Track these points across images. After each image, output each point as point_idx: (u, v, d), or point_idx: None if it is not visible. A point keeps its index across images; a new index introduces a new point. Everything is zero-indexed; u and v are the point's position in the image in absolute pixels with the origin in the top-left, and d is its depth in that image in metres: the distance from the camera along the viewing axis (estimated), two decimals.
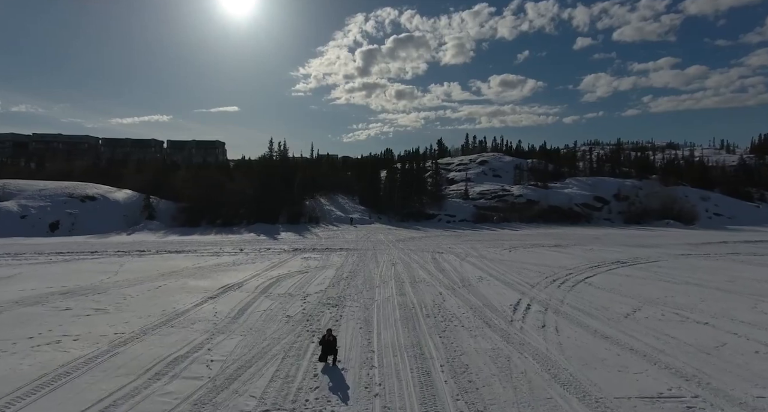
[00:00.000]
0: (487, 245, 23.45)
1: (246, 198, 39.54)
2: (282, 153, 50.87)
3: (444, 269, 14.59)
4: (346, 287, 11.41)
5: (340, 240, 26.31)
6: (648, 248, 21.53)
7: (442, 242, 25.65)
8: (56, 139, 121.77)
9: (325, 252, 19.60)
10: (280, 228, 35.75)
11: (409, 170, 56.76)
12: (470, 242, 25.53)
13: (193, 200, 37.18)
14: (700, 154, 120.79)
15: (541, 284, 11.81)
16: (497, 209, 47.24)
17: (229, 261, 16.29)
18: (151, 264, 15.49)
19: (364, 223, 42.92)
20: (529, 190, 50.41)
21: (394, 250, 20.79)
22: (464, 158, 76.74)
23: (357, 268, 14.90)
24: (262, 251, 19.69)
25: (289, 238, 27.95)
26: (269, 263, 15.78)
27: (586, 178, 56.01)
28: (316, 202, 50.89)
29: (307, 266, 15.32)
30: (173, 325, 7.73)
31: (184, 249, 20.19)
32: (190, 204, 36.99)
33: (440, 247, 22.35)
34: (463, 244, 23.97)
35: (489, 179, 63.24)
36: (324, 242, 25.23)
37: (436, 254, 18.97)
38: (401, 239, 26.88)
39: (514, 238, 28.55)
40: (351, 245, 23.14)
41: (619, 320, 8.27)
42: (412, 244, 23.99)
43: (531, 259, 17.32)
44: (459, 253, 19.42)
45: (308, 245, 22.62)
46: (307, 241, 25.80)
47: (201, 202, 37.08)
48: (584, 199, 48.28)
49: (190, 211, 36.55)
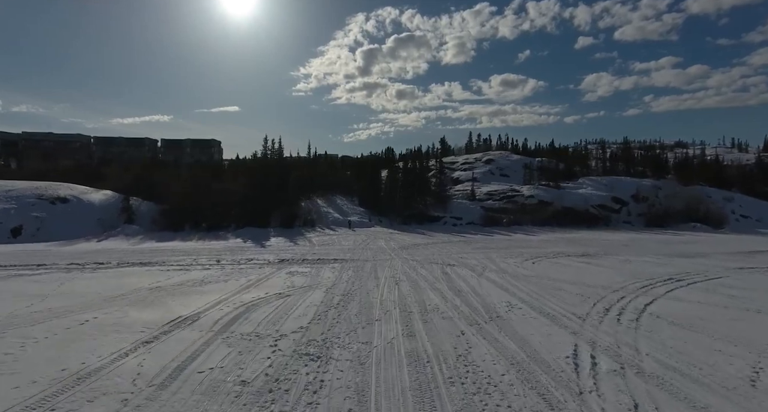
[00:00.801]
0: (503, 254, 20.73)
1: (235, 200, 36.85)
2: (275, 151, 48.24)
3: (460, 290, 11.86)
4: (336, 322, 8.70)
5: (335, 248, 23.62)
6: (693, 259, 18.78)
7: (451, 249, 22.94)
8: (46, 137, 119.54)
9: (316, 265, 16.90)
10: (271, 233, 33.08)
11: (411, 169, 54.12)
12: (483, 250, 22.81)
13: (176, 202, 34.52)
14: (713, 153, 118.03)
15: (592, 316, 9.08)
16: (507, 210, 44.54)
17: (198, 278, 13.58)
18: (98, 283, 12.80)
19: (363, 226, 40.22)
20: (541, 191, 47.69)
21: (397, 260, 18.08)
22: (469, 157, 74.15)
23: (352, 288, 12.19)
24: (242, 263, 16.98)
25: (278, 245, 25.27)
26: (245, 281, 13.08)
27: (601, 178, 53.30)
28: (312, 204, 48.26)
29: (290, 284, 12.62)
30: (55, 407, 5.02)
31: (152, 260, 17.49)
32: (173, 206, 34.32)
33: (450, 256, 19.64)
34: (475, 253, 21.25)
35: (496, 179, 60.60)
36: (317, 250, 22.53)
37: (447, 267, 16.25)
38: (404, 246, 24.17)
39: (531, 244, 25.83)
40: (347, 254, 20.44)
41: (746, 391, 5.54)
42: (418, 252, 21.28)
43: (562, 274, 14.58)
44: (473, 265, 16.70)
45: (298, 255, 19.92)
46: (298, 249, 23.09)
47: (185, 205, 34.41)
48: (601, 200, 45.55)
49: (172, 214, 33.91)
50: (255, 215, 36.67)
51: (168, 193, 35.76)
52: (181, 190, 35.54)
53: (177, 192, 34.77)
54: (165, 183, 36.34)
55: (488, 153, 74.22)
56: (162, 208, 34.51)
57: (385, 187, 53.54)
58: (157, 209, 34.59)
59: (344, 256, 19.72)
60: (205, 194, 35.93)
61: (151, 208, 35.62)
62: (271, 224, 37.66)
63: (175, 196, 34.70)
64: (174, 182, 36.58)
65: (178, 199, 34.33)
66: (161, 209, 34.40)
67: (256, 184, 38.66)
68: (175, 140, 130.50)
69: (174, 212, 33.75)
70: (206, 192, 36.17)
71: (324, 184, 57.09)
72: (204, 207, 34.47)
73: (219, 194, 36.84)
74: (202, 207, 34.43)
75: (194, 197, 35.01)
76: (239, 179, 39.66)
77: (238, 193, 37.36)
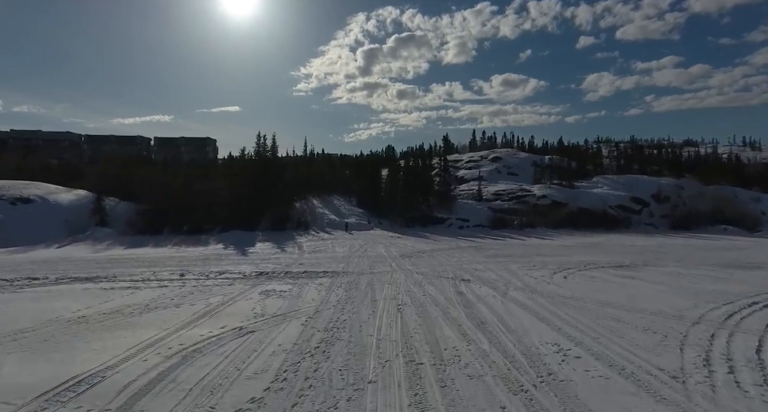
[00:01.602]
0: (523, 263, 17.85)
1: (221, 201, 34.02)
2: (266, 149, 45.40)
3: (483, 322, 8.99)
4: (309, 386, 5.84)
5: (327, 256, 20.76)
6: (753, 271, 15.89)
7: (461, 257, 20.06)
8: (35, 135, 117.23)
9: (300, 280, 14.03)
10: (259, 237, 30.26)
11: (413, 168, 51.27)
12: (498, 258, 19.93)
13: (154, 203, 31.68)
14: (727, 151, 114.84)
15: (692, 375, 6.21)
16: (517, 211, 41.66)
17: (143, 301, 10.73)
18: (11, 309, 9.94)
19: (362, 228, 37.37)
20: (554, 191, 44.79)
21: (399, 274, 15.21)
22: (474, 155, 71.31)
23: (340, 317, 9.33)
24: (210, 278, 14.12)
25: (263, 252, 22.41)
26: (203, 306, 10.22)
27: (617, 177, 50.37)
28: (307, 205, 45.43)
29: (260, 312, 9.76)
30: None
31: (101, 275, 14.63)
32: (151, 207, 31.50)
33: (461, 267, 16.76)
34: (490, 262, 18.37)
35: (504, 178, 57.73)
36: (306, 258, 19.67)
37: (461, 283, 13.39)
38: (407, 253, 21.29)
39: (551, 251, 22.96)
40: (340, 264, 17.57)
41: None
42: (423, 262, 18.40)
43: (607, 294, 11.69)
44: (493, 281, 13.83)
45: (281, 266, 17.06)
46: (284, 257, 20.22)
47: (164, 206, 31.56)
48: (619, 200, 42.64)
49: (150, 215, 31.07)
50: (243, 216, 33.85)
51: (149, 194, 32.92)
52: (160, 190, 32.69)
53: (156, 192, 31.93)
54: (145, 182, 33.47)
55: (494, 151, 71.35)
56: (141, 208, 31.68)
57: (385, 187, 50.74)
58: (135, 210, 31.76)
59: (336, 267, 16.86)
60: (188, 194, 33.10)
61: (129, 209, 32.79)
62: (261, 227, 34.85)
63: (154, 197, 31.85)
64: (155, 181, 33.68)
65: (156, 200, 31.48)
66: (138, 210, 31.57)
67: (244, 184, 35.84)
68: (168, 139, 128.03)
69: (152, 214, 30.93)
70: (189, 192, 33.33)
71: (321, 184, 54.32)
72: (186, 208, 31.63)
73: (203, 194, 34.03)
74: (183, 208, 31.58)
75: (175, 198, 32.17)
76: (225, 179, 36.75)
77: (225, 193, 34.53)
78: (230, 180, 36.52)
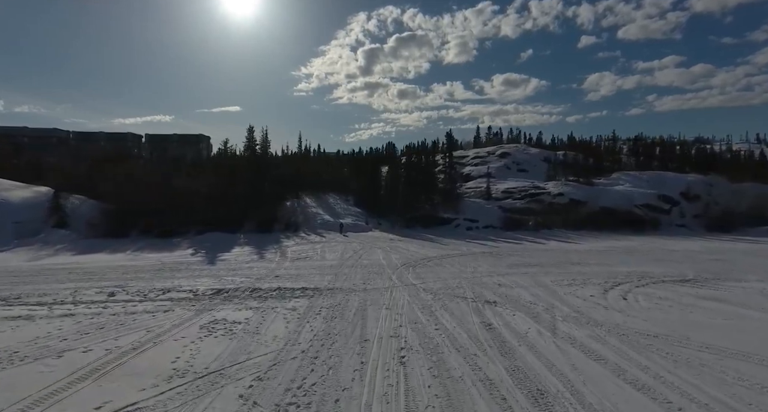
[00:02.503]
0: (558, 276, 14.36)
1: (200, 199, 30.60)
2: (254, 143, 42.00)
3: (542, 391, 5.49)
4: None
5: (313, 264, 17.27)
6: None
7: (477, 266, 16.55)
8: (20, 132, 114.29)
9: (267, 302, 10.54)
10: (241, 239, 26.84)
11: (416, 164, 47.71)
12: (523, 268, 16.42)
13: (124, 202, 28.25)
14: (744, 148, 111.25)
15: None
16: (531, 211, 38.18)
17: (18, 343, 7.26)
18: None
19: (358, 230, 33.90)
20: (571, 188, 41.29)
21: (401, 292, 11.72)
22: (480, 151, 67.75)
23: (307, 378, 5.88)
24: (146, 300, 10.62)
25: (236, 259, 18.93)
26: (101, 354, 6.76)
27: (640, 173, 46.72)
28: (299, 204, 41.98)
29: (186, 366, 6.31)
30: None
31: (2, 295, 11.15)
32: (119, 206, 28.06)
33: (480, 282, 13.28)
34: (515, 273, 14.88)
35: (513, 174, 54.24)
36: (285, 268, 16.17)
37: (485, 308, 9.93)
38: (411, 261, 17.78)
39: (584, 258, 19.47)
40: (326, 277, 14.08)
41: None
42: (431, 273, 14.90)
43: (711, 332, 8.19)
44: (528, 304, 10.35)
45: (250, 280, 13.56)
46: (259, 267, 16.71)
47: (135, 205, 28.12)
48: (645, 198, 39.07)
49: (117, 215, 27.63)
50: (225, 217, 30.40)
51: (117, 191, 29.50)
52: (133, 188, 29.24)
53: (125, 190, 28.49)
54: (111, 177, 29.99)
55: (502, 146, 67.84)
56: (104, 208, 28.23)
57: (385, 185, 47.28)
58: (99, 209, 28.31)
59: (320, 281, 13.38)
60: (163, 192, 29.66)
61: (96, 208, 29.35)
62: (245, 228, 31.41)
63: (124, 195, 28.42)
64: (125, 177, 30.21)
65: (125, 199, 28.05)
66: (102, 209, 28.12)
67: (227, 182, 32.41)
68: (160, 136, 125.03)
69: (119, 214, 27.48)
70: (164, 190, 29.89)
71: (316, 183, 50.89)
72: (159, 208, 28.18)
73: (181, 193, 30.60)
74: (156, 208, 28.13)
75: (148, 196, 28.74)
76: (205, 177, 33.24)
77: (205, 191, 31.10)
78: (212, 177, 33.06)
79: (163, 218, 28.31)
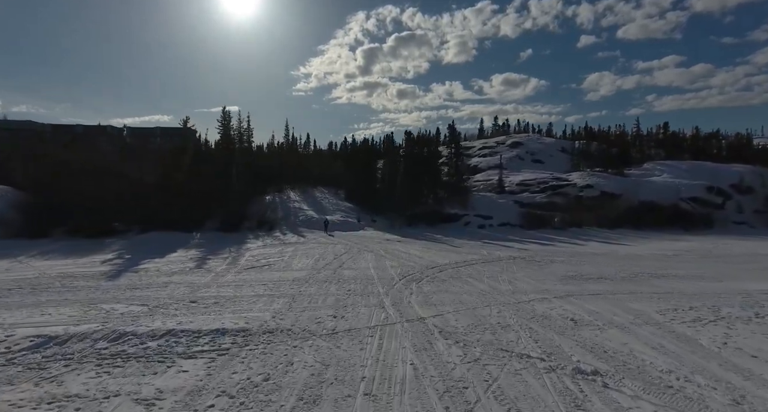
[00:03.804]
0: (648, 300, 9.04)
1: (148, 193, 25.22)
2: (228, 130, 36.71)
3: None
4: None
5: (268, 277, 11.77)
6: None
7: (515, 281, 11.11)
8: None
9: (116, 375, 5.05)
10: (194, 240, 21.47)
11: (418, 154, 42.21)
12: (584, 283, 11.01)
13: (44, 194, 22.79)
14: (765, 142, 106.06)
15: None
16: (555, 206, 32.81)
17: None
18: None
19: (348, 228, 28.50)
20: (601, 179, 35.85)
21: (400, 337, 6.31)
22: (488, 141, 62.30)
23: None
24: None
25: (162, 269, 13.44)
26: None
27: (678, 162, 41.29)
28: (281, 199, 36.53)
29: None
30: None
31: None
32: (38, 200, 22.60)
33: (533, 309, 7.89)
34: (579, 294, 9.47)
35: (527, 166, 48.83)
36: (224, 283, 10.69)
37: (584, 389, 4.44)
38: (413, 272, 12.30)
39: (653, 265, 14.11)
40: (276, 302, 8.65)
41: None
42: (447, 293, 9.49)
43: None
44: (661, 376, 4.87)
45: (143, 310, 8.09)
46: (184, 282, 11.19)
47: (62, 197, 22.66)
48: (692, 191, 33.64)
49: (35, 211, 22.16)
50: (184, 213, 24.97)
51: (40, 180, 24.04)
52: (65, 177, 23.78)
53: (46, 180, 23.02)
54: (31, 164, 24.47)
55: (512, 136, 62.45)
56: (19, 202, 22.71)
57: (382, 178, 41.81)
58: (11, 202, 22.78)
59: (262, 311, 7.99)
60: (102, 184, 24.21)
61: (8, 202, 23.82)
62: (207, 226, 25.97)
63: (45, 186, 22.98)
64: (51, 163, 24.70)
65: (45, 190, 22.61)
66: (15, 203, 22.60)
67: (182, 173, 26.95)
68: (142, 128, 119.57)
69: (36, 209, 22.00)
70: (103, 180, 24.42)
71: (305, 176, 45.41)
72: (95, 203, 22.75)
73: (126, 184, 25.19)
74: (91, 203, 22.70)
75: (82, 187, 23.30)
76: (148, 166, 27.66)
77: (154, 182, 25.71)
78: (166, 166, 27.61)
79: (101, 214, 22.90)
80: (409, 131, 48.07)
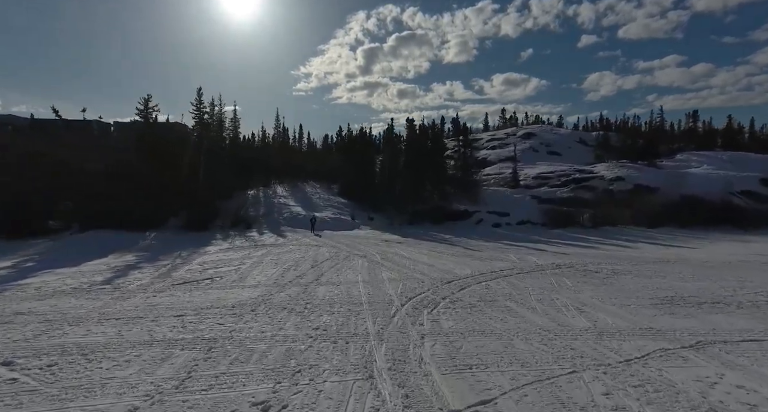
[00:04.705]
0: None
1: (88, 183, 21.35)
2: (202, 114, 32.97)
3: None
4: None
5: (197, 301, 7.57)
6: None
7: (583, 307, 6.90)
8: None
9: None
10: (146, 240, 17.34)
11: (422, 144, 38.07)
12: (702, 314, 6.82)
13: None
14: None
15: None
16: (582, 201, 28.66)
17: None
18: None
19: (340, 226, 24.41)
20: (633, 171, 31.71)
21: None
22: (497, 132, 58.11)
23: None
24: None
25: (50, 285, 9.31)
26: None
27: (718, 153, 37.06)
28: (265, 194, 32.50)
29: None
30: None
31: None
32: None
33: (663, 380, 3.61)
34: (726, 348, 5.27)
35: (542, 158, 44.69)
36: (107, 319, 6.53)
37: None
38: (422, 291, 8.12)
39: (749, 278, 9.94)
40: (145, 387, 4.44)
41: None
42: (483, 338, 5.29)
43: None
44: None
45: None
46: (41, 315, 7.02)
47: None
48: (744, 183, 29.46)
49: None
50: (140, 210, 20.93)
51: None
52: None
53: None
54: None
55: (524, 127, 58.28)
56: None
57: (381, 171, 37.68)
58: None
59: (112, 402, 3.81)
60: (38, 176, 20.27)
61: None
62: (170, 224, 21.92)
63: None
64: None
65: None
66: None
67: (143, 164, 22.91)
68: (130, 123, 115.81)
69: None
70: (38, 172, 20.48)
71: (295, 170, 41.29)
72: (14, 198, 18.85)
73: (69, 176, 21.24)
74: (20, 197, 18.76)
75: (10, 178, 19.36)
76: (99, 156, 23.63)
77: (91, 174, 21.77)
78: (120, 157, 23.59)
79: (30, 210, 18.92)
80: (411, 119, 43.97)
